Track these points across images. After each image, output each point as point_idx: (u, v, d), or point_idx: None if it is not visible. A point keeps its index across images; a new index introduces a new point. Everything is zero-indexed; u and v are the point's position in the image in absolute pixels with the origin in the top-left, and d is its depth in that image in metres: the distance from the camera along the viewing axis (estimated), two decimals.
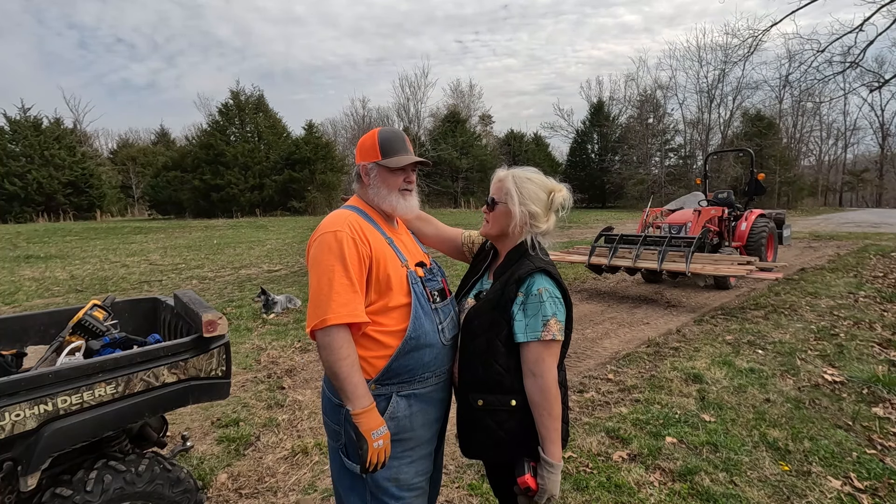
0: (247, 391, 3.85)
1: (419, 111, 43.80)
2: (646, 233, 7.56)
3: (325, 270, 1.38)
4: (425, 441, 1.54)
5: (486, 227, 1.60)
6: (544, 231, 1.53)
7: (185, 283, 8.47)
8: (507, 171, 1.57)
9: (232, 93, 32.15)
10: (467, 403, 1.50)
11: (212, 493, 2.56)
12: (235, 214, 29.13)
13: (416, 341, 1.45)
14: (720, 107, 37.99)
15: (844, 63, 14.58)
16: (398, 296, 1.46)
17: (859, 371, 4.00)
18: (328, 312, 1.34)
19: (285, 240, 15.20)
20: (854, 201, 49.03)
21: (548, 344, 1.40)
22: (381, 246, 1.48)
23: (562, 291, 1.46)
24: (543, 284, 1.43)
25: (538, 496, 1.41)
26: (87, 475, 1.61)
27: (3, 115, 29.64)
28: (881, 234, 15.40)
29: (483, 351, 1.46)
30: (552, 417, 1.39)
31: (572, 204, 1.58)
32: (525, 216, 1.49)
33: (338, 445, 1.50)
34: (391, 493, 1.46)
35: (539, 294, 1.42)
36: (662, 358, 4.44)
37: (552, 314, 1.40)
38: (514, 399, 1.44)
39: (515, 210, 1.49)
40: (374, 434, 1.34)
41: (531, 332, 1.40)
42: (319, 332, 1.36)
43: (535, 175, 1.55)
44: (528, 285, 1.44)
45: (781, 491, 2.48)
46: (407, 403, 1.47)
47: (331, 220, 1.48)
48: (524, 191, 1.50)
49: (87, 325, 2.02)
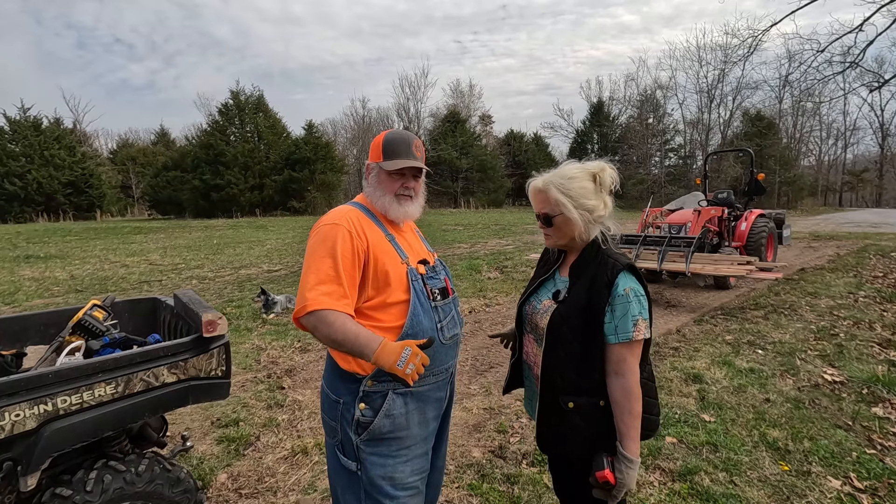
0: (247, 391, 3.85)
1: (419, 111, 43.87)
2: (645, 233, 7.55)
3: (314, 260, 1.40)
4: (421, 440, 1.53)
5: (552, 241, 1.55)
6: (606, 216, 1.49)
7: (184, 283, 8.47)
8: (543, 180, 1.49)
9: (232, 93, 32.18)
10: (557, 405, 1.48)
11: (212, 493, 2.56)
12: (235, 214, 29.13)
13: (412, 338, 1.44)
14: (720, 107, 38.06)
15: (844, 63, 14.57)
16: (397, 292, 1.46)
17: (859, 371, 4.00)
18: (308, 300, 1.36)
19: (285, 240, 15.19)
20: (854, 201, 49.02)
21: (632, 345, 1.39)
22: (380, 242, 1.48)
23: (644, 288, 1.45)
24: (629, 283, 1.41)
25: (616, 490, 1.42)
26: (87, 475, 1.61)
27: (3, 115, 29.70)
28: (881, 234, 15.40)
29: (577, 356, 1.44)
30: (632, 416, 1.39)
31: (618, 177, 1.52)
32: (586, 216, 1.45)
33: (334, 442, 1.50)
34: (385, 491, 1.45)
35: (626, 294, 1.39)
36: (662, 358, 4.43)
37: (639, 314, 1.39)
38: (603, 399, 1.44)
39: (574, 215, 1.44)
40: (399, 365, 1.32)
41: (622, 333, 1.38)
42: (303, 318, 1.37)
43: (570, 169, 1.48)
44: (617, 288, 1.40)
45: (781, 491, 2.48)
46: (403, 401, 1.46)
47: (331, 213, 1.50)
48: (572, 192, 1.44)
49: (86, 325, 2.02)
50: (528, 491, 2.51)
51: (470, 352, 4.75)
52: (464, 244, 13.66)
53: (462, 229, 18.38)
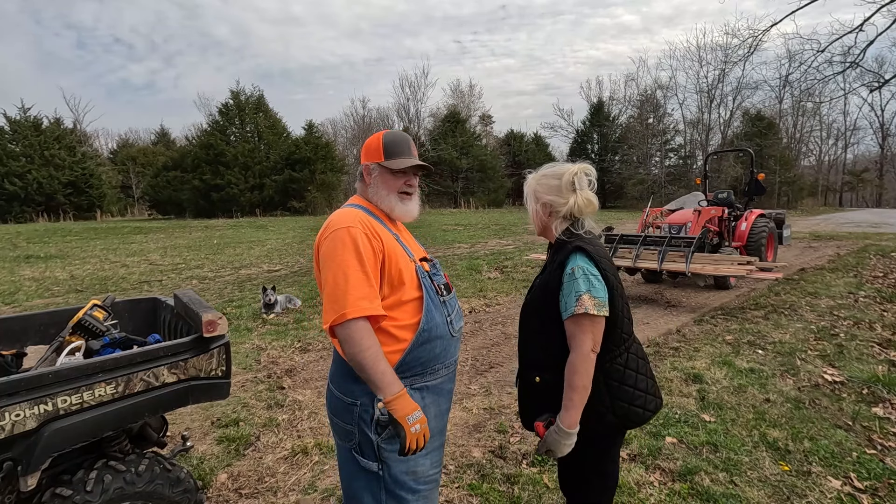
0: (247, 391, 3.85)
1: (419, 111, 43.82)
2: (646, 233, 7.55)
3: (340, 265, 1.38)
4: (438, 432, 1.57)
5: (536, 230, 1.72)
6: (567, 212, 1.59)
7: (185, 283, 8.47)
8: (528, 178, 1.70)
9: (232, 93, 32.18)
10: (527, 380, 1.65)
11: (212, 493, 2.56)
12: (235, 214, 29.13)
13: (428, 333, 1.48)
14: (720, 107, 38.05)
15: (844, 63, 14.56)
16: (410, 290, 1.48)
17: (859, 371, 4.00)
18: (347, 307, 1.34)
19: (285, 240, 15.19)
20: (854, 201, 49.00)
21: (578, 319, 1.46)
22: (390, 242, 1.50)
23: (600, 268, 1.51)
24: (577, 263, 1.51)
25: (540, 445, 1.57)
26: (87, 475, 1.60)
27: (3, 115, 29.69)
28: (881, 234, 15.40)
29: (539, 333, 1.59)
30: (572, 388, 1.48)
31: (596, 175, 1.66)
32: (545, 210, 1.62)
33: (351, 446, 1.49)
34: (409, 486, 1.48)
35: (572, 272, 1.50)
36: (662, 358, 4.43)
37: (586, 290, 1.46)
38: None
39: (532, 207, 1.65)
40: (409, 419, 1.34)
41: (567, 309, 1.49)
42: (339, 326, 1.35)
43: (548, 168, 1.66)
44: (566, 268, 1.52)
45: (781, 491, 2.48)
46: (420, 396, 1.49)
47: (341, 216, 1.47)
48: (539, 187, 1.63)
49: (87, 325, 2.01)
50: (528, 491, 2.51)
51: (470, 352, 4.75)
52: (464, 244, 13.66)
53: (462, 229, 18.37)
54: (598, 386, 1.53)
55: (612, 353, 1.55)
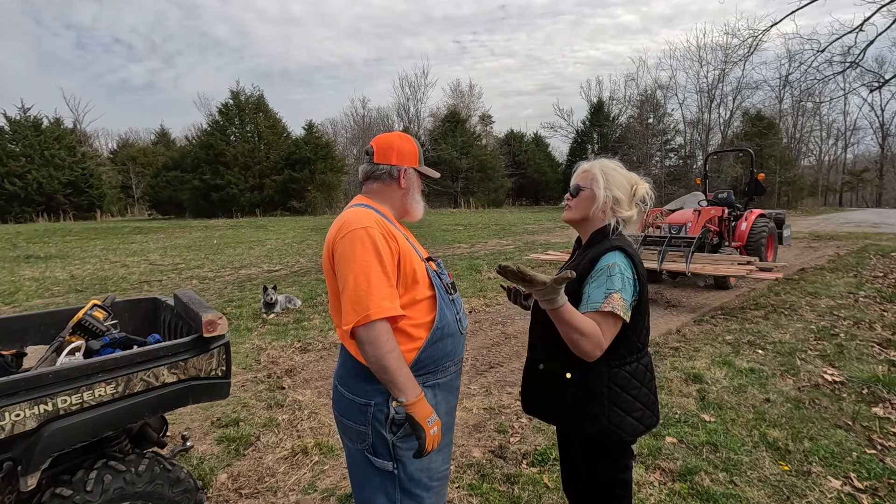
0: (247, 391, 3.85)
1: (419, 111, 43.95)
2: (646, 233, 7.55)
3: (361, 266, 1.36)
4: (448, 428, 1.59)
5: (569, 213, 1.63)
6: (627, 218, 1.57)
7: (185, 283, 8.47)
8: (594, 161, 1.62)
9: (232, 93, 32.16)
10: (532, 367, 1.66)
11: (212, 493, 2.56)
12: (235, 214, 29.13)
13: (441, 331, 1.50)
14: (720, 107, 38.05)
15: (844, 63, 14.57)
16: (423, 289, 1.49)
17: (859, 371, 4.00)
18: (370, 307, 1.33)
19: (285, 240, 15.20)
20: (854, 201, 48.98)
21: (604, 316, 1.39)
22: (404, 242, 1.51)
23: (638, 272, 1.48)
24: (616, 260, 1.45)
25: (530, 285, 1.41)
26: (87, 475, 1.60)
27: (3, 115, 29.69)
28: (881, 234, 15.40)
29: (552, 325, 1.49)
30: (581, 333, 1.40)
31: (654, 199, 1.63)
32: (609, 200, 1.54)
33: (363, 447, 1.48)
34: (424, 483, 1.49)
35: (608, 268, 1.44)
36: (662, 358, 4.43)
37: (618, 289, 1.40)
38: (570, 372, 1.53)
39: (600, 193, 1.54)
40: (429, 421, 1.37)
41: (592, 303, 1.41)
42: (362, 328, 1.33)
43: (620, 167, 1.61)
44: (601, 262, 1.47)
45: (781, 491, 2.48)
46: (432, 393, 1.51)
47: (356, 216, 1.44)
48: (610, 178, 1.56)
49: (87, 325, 2.01)
50: (528, 491, 2.51)
51: (470, 352, 4.75)
52: (464, 244, 13.66)
53: (462, 229, 18.37)
54: (600, 388, 1.49)
55: (622, 360, 1.50)
